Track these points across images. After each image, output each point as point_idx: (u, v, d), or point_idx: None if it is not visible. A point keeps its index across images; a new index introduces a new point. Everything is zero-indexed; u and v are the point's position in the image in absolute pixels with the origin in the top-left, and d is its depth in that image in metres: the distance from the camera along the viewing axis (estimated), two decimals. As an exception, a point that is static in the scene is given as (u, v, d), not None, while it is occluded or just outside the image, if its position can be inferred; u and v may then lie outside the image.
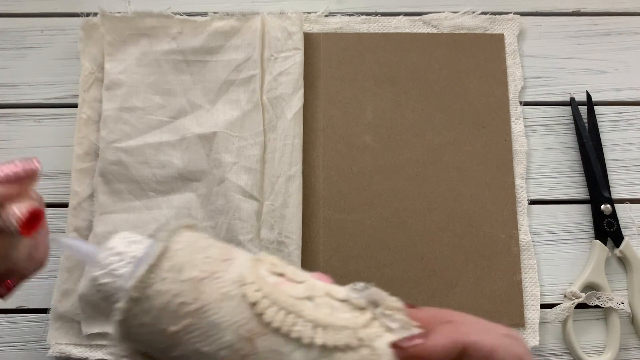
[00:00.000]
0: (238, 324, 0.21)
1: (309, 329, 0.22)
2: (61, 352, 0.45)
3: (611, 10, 0.55)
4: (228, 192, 0.47)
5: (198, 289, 0.22)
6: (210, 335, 0.21)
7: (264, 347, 0.21)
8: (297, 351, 0.21)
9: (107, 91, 0.50)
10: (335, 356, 0.22)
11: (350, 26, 0.54)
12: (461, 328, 0.24)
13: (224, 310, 0.21)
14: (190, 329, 0.22)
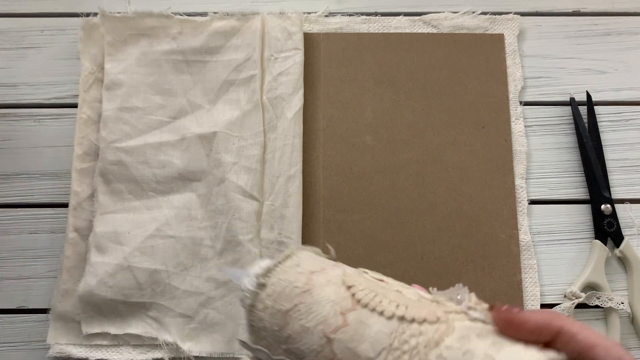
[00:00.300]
0: (335, 302, 0.25)
1: (392, 306, 0.25)
2: (61, 352, 0.45)
3: (611, 10, 0.55)
4: (228, 192, 0.47)
5: (310, 278, 0.26)
6: (312, 312, 0.25)
7: (352, 320, 0.24)
8: (379, 322, 0.24)
9: (107, 91, 0.50)
10: (412, 327, 0.24)
11: (350, 26, 0.54)
12: (562, 316, 0.23)
13: (326, 291, 0.25)
14: (299, 307, 0.25)
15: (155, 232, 0.47)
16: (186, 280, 0.46)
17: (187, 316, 0.45)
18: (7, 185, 0.50)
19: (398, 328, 0.24)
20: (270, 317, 0.26)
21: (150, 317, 0.46)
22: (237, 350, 0.45)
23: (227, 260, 0.46)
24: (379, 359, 0.23)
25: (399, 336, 0.24)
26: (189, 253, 0.46)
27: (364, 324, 0.24)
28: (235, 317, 0.45)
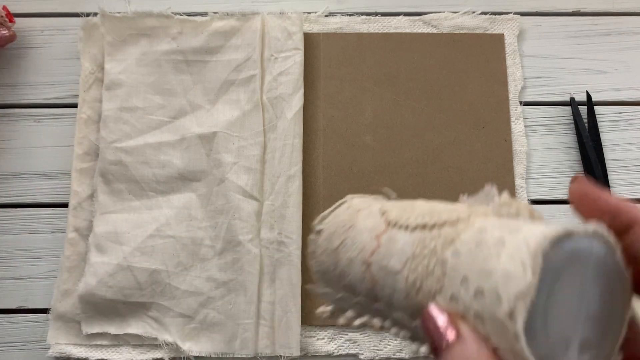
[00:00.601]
0: (371, 229, 0.26)
1: (418, 219, 0.25)
2: (61, 352, 0.45)
3: (611, 10, 0.55)
4: (228, 192, 0.47)
5: (356, 215, 0.28)
6: (354, 243, 0.26)
7: (384, 241, 0.25)
8: (405, 236, 0.25)
9: (107, 91, 0.50)
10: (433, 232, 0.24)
11: (350, 26, 0.54)
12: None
13: (366, 222, 0.27)
14: (345, 241, 0.27)
15: (155, 232, 0.47)
16: (186, 280, 0.46)
17: (187, 316, 0.45)
18: (7, 185, 0.50)
19: (420, 236, 0.24)
20: (327, 258, 0.28)
21: (150, 317, 0.46)
22: (237, 350, 0.45)
23: (227, 261, 0.46)
24: (404, 270, 0.23)
25: (421, 244, 0.24)
26: (189, 253, 0.46)
27: (393, 240, 0.25)
28: (235, 317, 0.45)
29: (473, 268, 0.21)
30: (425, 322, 0.21)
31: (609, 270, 0.21)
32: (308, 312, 0.46)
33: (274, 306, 0.46)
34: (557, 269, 0.20)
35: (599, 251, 0.20)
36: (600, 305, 0.20)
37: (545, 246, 0.19)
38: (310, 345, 0.46)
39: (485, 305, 0.20)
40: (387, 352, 0.46)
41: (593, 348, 0.20)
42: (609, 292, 0.21)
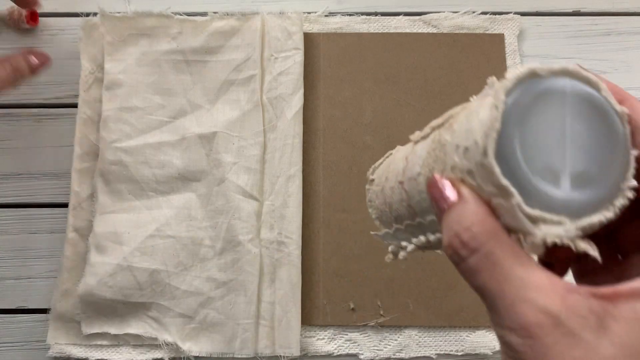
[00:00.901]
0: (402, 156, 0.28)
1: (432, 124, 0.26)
2: (61, 352, 0.45)
3: (611, 10, 0.55)
4: (228, 192, 0.47)
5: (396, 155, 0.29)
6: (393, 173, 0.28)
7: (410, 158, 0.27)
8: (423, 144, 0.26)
9: (107, 91, 0.50)
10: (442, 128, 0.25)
11: (350, 26, 0.54)
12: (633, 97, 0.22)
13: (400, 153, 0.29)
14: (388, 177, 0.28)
15: (155, 232, 0.47)
16: (186, 280, 0.46)
17: (187, 316, 0.45)
18: (7, 185, 0.50)
19: (432, 137, 0.25)
20: (378, 201, 0.29)
21: (150, 317, 0.46)
22: (237, 350, 0.45)
23: (227, 261, 0.46)
24: (422, 169, 0.25)
25: (431, 142, 0.25)
26: (189, 253, 0.46)
27: (414, 153, 0.27)
28: (235, 317, 0.45)
29: (463, 134, 0.22)
30: (431, 189, 0.22)
31: (593, 105, 0.21)
32: (308, 312, 0.46)
33: (274, 306, 0.46)
34: (526, 103, 0.21)
35: (575, 87, 0.21)
36: (590, 137, 0.21)
37: (508, 84, 0.21)
38: (310, 345, 0.46)
39: (471, 158, 0.21)
40: (387, 352, 0.46)
41: (592, 182, 0.20)
42: (599, 125, 0.21)
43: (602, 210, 0.20)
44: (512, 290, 0.19)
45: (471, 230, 0.20)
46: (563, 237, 0.19)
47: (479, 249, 0.20)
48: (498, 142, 0.20)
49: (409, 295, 0.47)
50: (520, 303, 0.19)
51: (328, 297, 0.47)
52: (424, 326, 0.46)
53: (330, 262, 0.47)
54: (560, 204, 0.20)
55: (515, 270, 0.19)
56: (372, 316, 0.46)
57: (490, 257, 0.20)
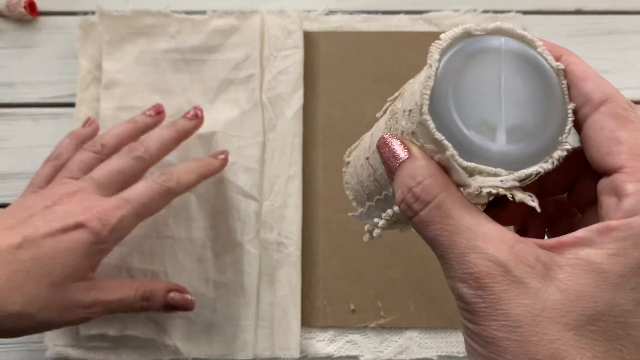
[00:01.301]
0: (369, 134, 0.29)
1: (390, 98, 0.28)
2: (59, 353, 0.45)
3: (613, 9, 0.55)
4: (227, 193, 0.47)
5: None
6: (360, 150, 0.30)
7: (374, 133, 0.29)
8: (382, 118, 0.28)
9: (105, 90, 0.49)
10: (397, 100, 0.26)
11: (351, 25, 0.53)
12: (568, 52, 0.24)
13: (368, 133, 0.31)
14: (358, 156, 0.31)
15: (154, 233, 0.46)
16: (185, 281, 0.46)
17: (186, 317, 0.45)
18: (4, 185, 0.50)
19: (390, 108, 0.28)
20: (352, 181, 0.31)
21: (148, 319, 0.45)
22: (237, 351, 0.44)
23: (226, 261, 0.46)
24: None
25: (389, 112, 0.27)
26: (188, 254, 0.46)
27: (377, 128, 0.28)
28: (234, 318, 0.45)
29: (408, 98, 0.23)
30: (381, 149, 0.23)
31: (528, 61, 0.22)
32: (308, 313, 0.46)
33: (274, 307, 0.45)
34: (460, 61, 0.21)
35: (510, 45, 0.22)
36: (526, 93, 0.22)
37: (442, 44, 0.22)
38: (310, 347, 0.46)
39: (414, 118, 0.22)
40: (387, 354, 0.45)
41: (528, 135, 0.21)
42: (535, 81, 0.22)
43: (540, 162, 0.21)
44: (462, 241, 0.20)
45: (423, 183, 0.21)
46: (499, 187, 0.20)
47: (430, 201, 0.21)
48: (432, 98, 0.21)
49: (410, 297, 0.46)
50: (470, 253, 0.19)
51: (328, 298, 0.46)
52: (425, 327, 0.46)
53: (330, 263, 0.47)
54: (496, 157, 0.21)
55: (465, 221, 0.20)
56: (373, 317, 0.46)
57: (442, 209, 0.20)
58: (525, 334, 0.19)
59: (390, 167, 0.23)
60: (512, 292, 0.19)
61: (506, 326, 0.19)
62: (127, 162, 0.40)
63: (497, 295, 0.19)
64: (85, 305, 0.36)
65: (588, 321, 0.19)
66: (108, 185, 0.39)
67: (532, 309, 0.19)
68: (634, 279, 0.19)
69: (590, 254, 0.19)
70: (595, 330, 0.19)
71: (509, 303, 0.19)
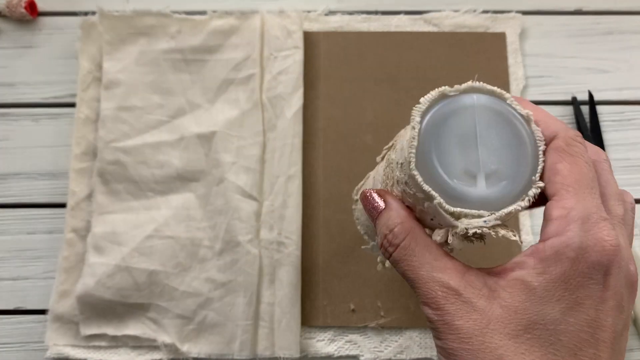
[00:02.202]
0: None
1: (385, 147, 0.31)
2: (59, 353, 0.45)
3: (613, 9, 0.55)
4: (227, 192, 0.47)
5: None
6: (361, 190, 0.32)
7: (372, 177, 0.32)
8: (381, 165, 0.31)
9: (106, 90, 0.49)
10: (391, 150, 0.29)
11: (351, 25, 0.53)
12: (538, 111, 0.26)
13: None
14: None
15: (154, 232, 0.46)
16: (185, 281, 0.46)
17: (185, 317, 0.45)
18: (4, 185, 0.50)
19: (386, 157, 0.30)
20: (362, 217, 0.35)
21: (148, 319, 0.45)
22: (236, 351, 0.44)
23: (226, 261, 0.46)
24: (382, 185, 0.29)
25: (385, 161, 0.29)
26: (188, 254, 0.46)
27: (377, 172, 0.31)
28: (234, 318, 0.45)
29: (399, 152, 0.26)
30: (364, 201, 0.28)
31: (498, 113, 0.25)
32: (308, 313, 0.46)
33: (274, 307, 0.45)
34: (439, 120, 0.25)
35: (481, 100, 0.25)
36: (499, 141, 0.24)
37: (422, 107, 0.25)
38: (310, 346, 0.46)
39: (405, 171, 0.25)
40: (387, 354, 0.45)
41: (505, 178, 0.24)
42: (506, 129, 0.25)
43: (517, 201, 0.24)
44: (424, 274, 0.24)
45: (394, 231, 0.26)
46: (483, 227, 0.23)
47: (399, 244, 0.25)
48: (417, 155, 0.24)
49: (410, 297, 0.46)
50: (429, 282, 0.24)
51: (328, 298, 0.46)
52: (425, 327, 0.46)
53: (330, 263, 0.47)
54: (479, 200, 0.24)
55: (425, 258, 0.25)
56: (373, 317, 0.46)
57: (408, 250, 0.25)
58: (475, 344, 0.22)
59: (372, 216, 0.28)
60: (463, 311, 0.23)
61: (460, 339, 0.23)
62: None
63: (452, 314, 0.23)
64: None
65: (525, 330, 0.22)
66: None
67: (479, 324, 0.23)
68: (557, 292, 0.22)
69: (523, 274, 0.23)
70: (532, 338, 0.22)
71: (461, 319, 0.23)
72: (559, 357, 0.22)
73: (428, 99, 0.25)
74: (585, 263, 0.22)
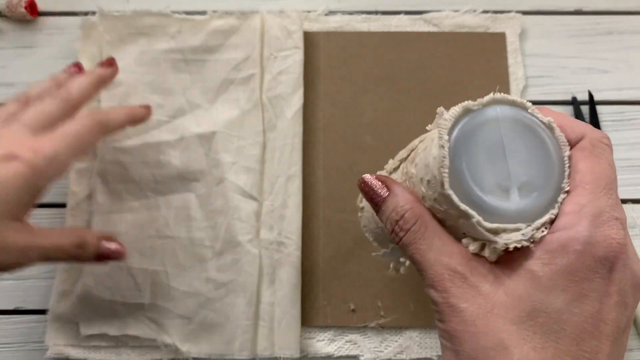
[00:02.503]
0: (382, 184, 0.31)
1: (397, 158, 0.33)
2: (59, 353, 0.45)
3: (613, 9, 0.55)
4: (227, 192, 0.47)
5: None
6: None
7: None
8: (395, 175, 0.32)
9: (106, 91, 0.49)
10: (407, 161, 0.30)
11: (351, 25, 0.53)
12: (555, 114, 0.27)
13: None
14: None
15: (154, 232, 0.46)
16: (185, 281, 0.46)
17: (186, 317, 0.45)
18: (5, 185, 0.50)
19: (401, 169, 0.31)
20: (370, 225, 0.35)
21: (148, 319, 0.45)
22: (237, 351, 0.44)
23: (226, 261, 0.46)
24: None
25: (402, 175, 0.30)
26: (188, 254, 0.46)
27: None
28: (235, 318, 0.45)
29: (423, 169, 0.26)
30: (364, 188, 0.29)
31: (522, 123, 0.25)
32: (308, 313, 0.46)
33: (274, 307, 0.45)
34: (466, 136, 0.24)
35: (505, 112, 0.25)
36: (527, 151, 0.25)
37: (448, 124, 0.25)
38: (310, 346, 0.46)
39: (434, 189, 0.25)
40: (387, 354, 0.45)
41: (537, 188, 0.24)
42: (532, 139, 0.25)
43: (550, 209, 0.24)
44: (431, 257, 0.25)
45: (404, 217, 0.26)
46: (522, 241, 0.23)
47: (410, 229, 0.26)
48: (450, 174, 0.24)
49: (410, 296, 0.46)
50: (436, 265, 0.25)
51: (328, 298, 0.46)
52: (425, 327, 0.46)
53: (331, 263, 0.47)
54: (514, 214, 0.24)
55: (435, 243, 0.25)
56: (373, 317, 0.46)
57: (417, 234, 0.26)
58: (478, 327, 0.23)
59: (374, 202, 0.28)
60: (469, 294, 0.24)
61: (464, 321, 0.23)
62: (52, 104, 0.39)
63: (457, 296, 0.24)
64: (20, 249, 0.34)
65: (528, 317, 0.23)
66: (36, 128, 0.36)
67: (484, 307, 0.23)
68: (562, 282, 0.23)
69: (530, 263, 0.23)
70: (534, 325, 0.23)
71: (466, 302, 0.24)
72: (560, 346, 0.22)
73: (452, 115, 0.25)
74: (591, 257, 0.22)
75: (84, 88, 0.42)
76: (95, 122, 0.39)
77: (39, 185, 0.34)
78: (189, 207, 0.47)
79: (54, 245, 0.36)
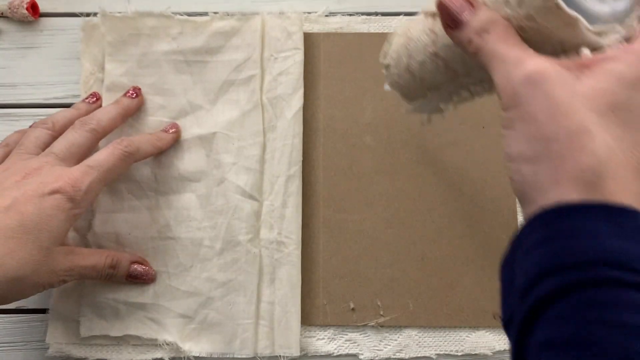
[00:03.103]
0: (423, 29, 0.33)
1: None
2: (60, 351, 0.45)
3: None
4: (227, 193, 0.47)
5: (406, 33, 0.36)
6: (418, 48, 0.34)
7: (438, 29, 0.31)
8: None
9: (108, 92, 0.50)
10: None
11: (351, 26, 0.54)
12: None
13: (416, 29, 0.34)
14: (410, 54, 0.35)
15: (156, 234, 0.47)
16: (186, 280, 0.46)
17: (187, 317, 0.45)
18: (6, 185, 0.50)
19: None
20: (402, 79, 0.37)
21: (149, 319, 0.45)
22: (237, 350, 0.45)
23: (227, 261, 0.46)
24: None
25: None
26: (189, 254, 0.46)
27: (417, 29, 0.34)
28: (235, 317, 0.45)
29: None
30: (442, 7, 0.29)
31: None
32: (308, 312, 0.46)
33: (274, 306, 0.46)
34: None
35: None
36: None
37: None
38: (310, 345, 0.46)
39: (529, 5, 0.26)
40: (386, 353, 0.46)
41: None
42: None
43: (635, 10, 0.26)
44: (519, 53, 0.26)
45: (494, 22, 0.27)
46: (619, 39, 0.26)
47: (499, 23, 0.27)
48: None
49: (409, 296, 0.47)
50: (525, 59, 0.25)
51: (328, 297, 0.47)
52: (424, 326, 0.46)
53: (330, 262, 0.47)
54: (610, 15, 0.26)
55: (521, 44, 0.26)
56: (372, 316, 0.46)
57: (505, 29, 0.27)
58: (561, 109, 0.24)
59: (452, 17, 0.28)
60: (556, 81, 0.24)
61: (549, 107, 0.24)
62: (82, 135, 0.42)
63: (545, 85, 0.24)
64: (66, 269, 0.39)
65: (610, 109, 0.24)
66: (68, 158, 0.41)
67: (568, 93, 0.24)
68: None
69: (614, 64, 0.24)
70: (615, 119, 0.24)
71: (554, 87, 0.24)
72: (637, 139, 0.23)
73: None
74: None
75: (112, 119, 0.45)
76: (127, 155, 0.43)
77: (77, 214, 0.39)
78: (190, 207, 0.47)
79: (91, 265, 0.41)
